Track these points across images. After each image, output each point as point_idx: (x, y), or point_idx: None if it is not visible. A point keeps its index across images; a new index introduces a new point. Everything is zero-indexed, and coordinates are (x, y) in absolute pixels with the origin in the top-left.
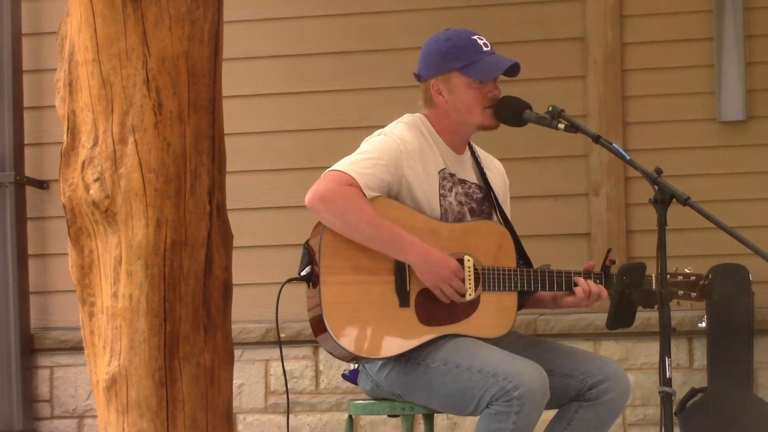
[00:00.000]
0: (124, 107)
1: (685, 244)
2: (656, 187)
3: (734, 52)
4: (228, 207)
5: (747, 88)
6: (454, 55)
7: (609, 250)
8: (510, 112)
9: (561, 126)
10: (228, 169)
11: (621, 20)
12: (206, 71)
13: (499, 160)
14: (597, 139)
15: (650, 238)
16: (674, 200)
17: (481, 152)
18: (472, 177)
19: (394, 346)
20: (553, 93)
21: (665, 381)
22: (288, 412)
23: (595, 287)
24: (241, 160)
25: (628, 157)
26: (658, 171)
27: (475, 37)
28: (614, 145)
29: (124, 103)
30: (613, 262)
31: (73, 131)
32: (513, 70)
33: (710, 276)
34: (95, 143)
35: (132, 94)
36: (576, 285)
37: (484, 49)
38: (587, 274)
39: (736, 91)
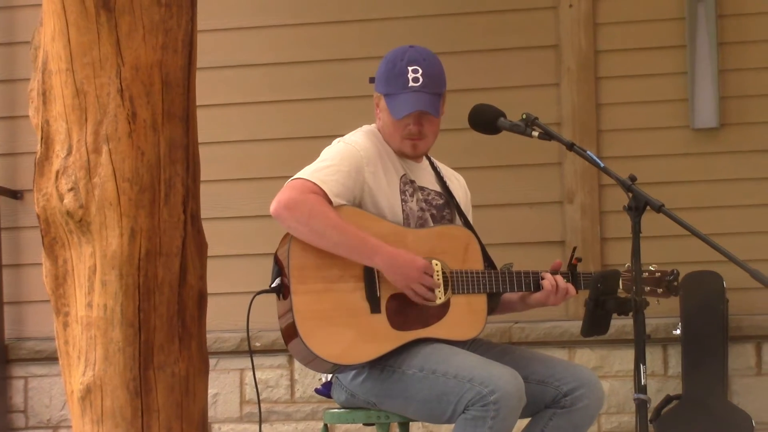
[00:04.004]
0: (98, 116)
1: (659, 252)
2: (630, 195)
3: (707, 60)
4: (202, 216)
5: (720, 96)
6: (385, 81)
7: (575, 248)
8: (484, 120)
9: (535, 134)
10: (202, 178)
11: (594, 28)
12: (180, 80)
13: (473, 167)
14: (571, 146)
15: (625, 246)
16: (648, 207)
17: (441, 166)
18: (431, 184)
19: (367, 352)
20: (527, 101)
21: (640, 388)
22: (260, 422)
23: (563, 283)
24: (215, 169)
25: (602, 165)
26: (632, 178)
27: (412, 68)
28: (588, 152)
29: (98, 113)
30: (579, 260)
31: (46, 141)
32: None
33: (675, 271)
34: (69, 153)
35: (106, 103)
36: (543, 279)
37: (410, 84)
38: (554, 273)
39: (710, 98)
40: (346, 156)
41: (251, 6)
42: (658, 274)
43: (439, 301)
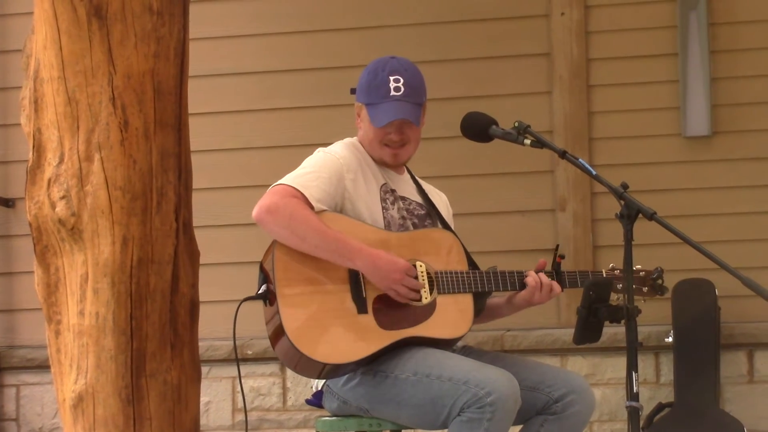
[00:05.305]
0: (90, 125)
1: (651, 259)
2: (622, 203)
3: (699, 68)
4: (194, 224)
5: (712, 103)
6: (366, 91)
7: (557, 246)
8: (476, 128)
9: (527, 141)
10: (194, 186)
11: (586, 36)
12: (172, 88)
13: (466, 175)
14: (563, 154)
15: (617, 254)
16: (640, 215)
17: (422, 182)
18: (412, 195)
19: (355, 351)
20: (519, 109)
21: (632, 396)
22: (246, 429)
23: (547, 280)
24: (207, 177)
25: (594, 173)
26: (624, 186)
27: (393, 77)
28: (580, 160)
29: (90, 121)
30: (563, 257)
31: (38, 149)
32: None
33: (659, 269)
34: (61, 161)
35: (98, 111)
36: (527, 277)
37: (392, 93)
38: (539, 272)
39: (701, 106)
40: (327, 164)
41: (245, 14)
42: (642, 273)
43: (425, 301)
